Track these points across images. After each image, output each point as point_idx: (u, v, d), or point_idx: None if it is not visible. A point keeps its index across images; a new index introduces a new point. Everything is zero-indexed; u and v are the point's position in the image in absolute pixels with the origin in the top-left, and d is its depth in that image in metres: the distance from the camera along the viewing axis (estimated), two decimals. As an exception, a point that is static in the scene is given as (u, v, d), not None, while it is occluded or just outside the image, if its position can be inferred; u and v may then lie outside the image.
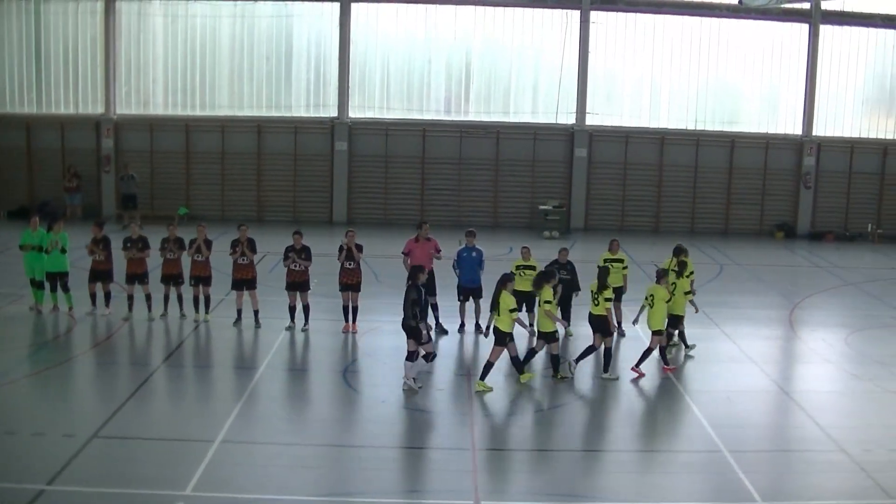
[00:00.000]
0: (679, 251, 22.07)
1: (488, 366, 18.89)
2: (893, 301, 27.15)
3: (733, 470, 14.80)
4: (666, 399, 18.77)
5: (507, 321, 18.63)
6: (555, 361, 19.63)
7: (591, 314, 20.11)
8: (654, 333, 20.22)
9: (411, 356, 18.67)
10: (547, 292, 19.36)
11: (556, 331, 19.62)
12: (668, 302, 20.35)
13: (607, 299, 19.78)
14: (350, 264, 22.37)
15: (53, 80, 41.56)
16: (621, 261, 22.92)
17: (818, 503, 13.90)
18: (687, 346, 21.70)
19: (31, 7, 41.22)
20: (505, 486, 14.21)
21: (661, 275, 20.59)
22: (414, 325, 18.61)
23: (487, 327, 20.89)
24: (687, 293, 21.24)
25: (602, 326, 19.81)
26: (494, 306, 18.97)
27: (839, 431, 16.69)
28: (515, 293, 22.26)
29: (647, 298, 20.56)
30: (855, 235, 41.75)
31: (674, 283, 20.88)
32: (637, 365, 19.95)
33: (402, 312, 18.85)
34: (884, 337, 23.95)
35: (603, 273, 20.08)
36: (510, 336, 18.85)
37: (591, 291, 20.08)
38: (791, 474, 14.94)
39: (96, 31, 41.16)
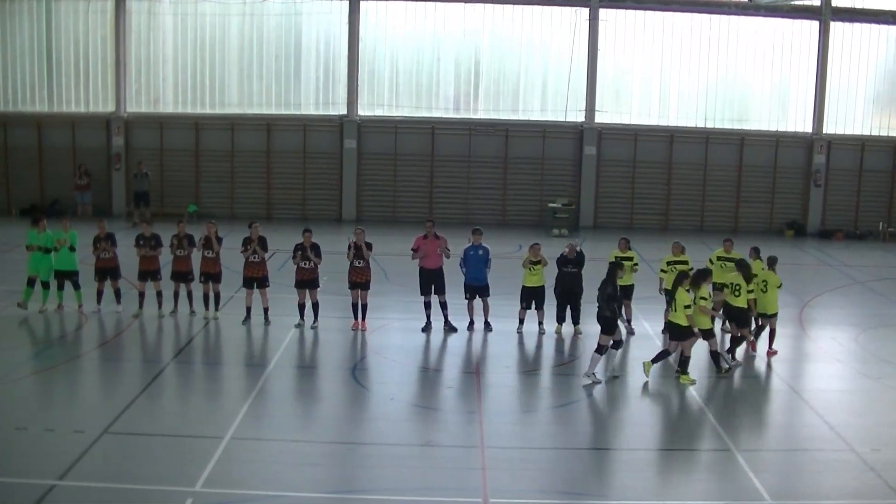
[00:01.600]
0: (755, 250, 22.87)
1: (685, 360, 19.36)
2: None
3: (743, 469, 14.79)
4: (675, 398, 18.73)
5: (683, 316, 19.04)
6: (715, 357, 19.88)
7: (732, 307, 20.80)
8: (771, 317, 21.21)
9: (601, 349, 19.14)
10: (703, 290, 19.58)
11: (713, 327, 19.99)
12: (779, 287, 21.38)
13: (702, 298, 19.79)
14: (359, 262, 22.38)
15: (64, 79, 41.64)
16: (631, 259, 22.91)
17: (827, 503, 13.88)
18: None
19: (42, 6, 41.29)
20: (513, 484, 14.19)
21: (773, 262, 21.58)
22: (609, 317, 19.07)
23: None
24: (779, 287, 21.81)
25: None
26: (671, 303, 19.44)
27: (849, 430, 16.67)
28: (525, 289, 22.49)
29: (758, 285, 21.11)
30: (865, 234, 41.66)
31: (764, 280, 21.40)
32: (770, 346, 21.33)
33: (597, 305, 19.38)
34: (894, 336, 23.90)
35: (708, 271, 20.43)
36: (690, 330, 19.25)
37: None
38: (801, 474, 14.93)
39: (106, 30, 41.24)
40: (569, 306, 22.57)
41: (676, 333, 19.34)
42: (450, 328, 22.78)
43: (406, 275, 24.97)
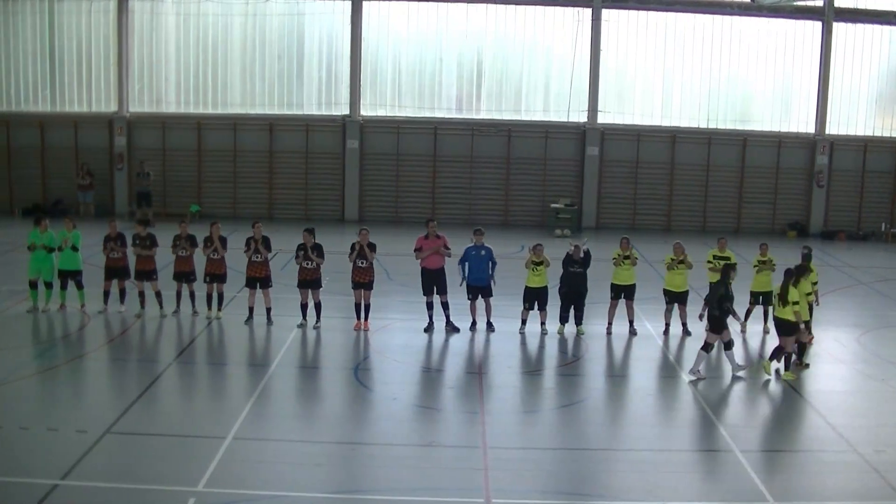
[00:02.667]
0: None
1: (779, 350, 19.94)
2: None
3: (745, 470, 14.78)
4: (677, 399, 18.74)
5: (790, 312, 19.54)
6: (802, 349, 20.59)
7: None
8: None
9: (707, 347, 19.63)
10: (805, 285, 20.30)
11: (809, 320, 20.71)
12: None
13: (807, 293, 20.46)
14: (362, 263, 22.38)
15: (67, 79, 41.74)
16: (629, 257, 22.91)
17: None
18: None
19: (45, 6, 41.36)
20: (516, 485, 14.18)
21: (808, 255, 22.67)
22: (718, 317, 19.49)
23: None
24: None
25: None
26: (783, 299, 19.77)
27: (851, 431, 16.65)
28: (528, 290, 22.47)
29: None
30: (867, 234, 41.65)
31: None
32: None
33: (708, 305, 19.97)
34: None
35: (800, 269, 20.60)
36: (797, 327, 19.65)
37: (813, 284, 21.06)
38: (803, 474, 14.91)
39: (109, 29, 41.32)
40: (573, 307, 22.58)
41: (787, 329, 19.66)
42: (452, 328, 22.77)
43: (408, 275, 24.98)
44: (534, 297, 22.57)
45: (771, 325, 22.97)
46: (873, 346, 22.72)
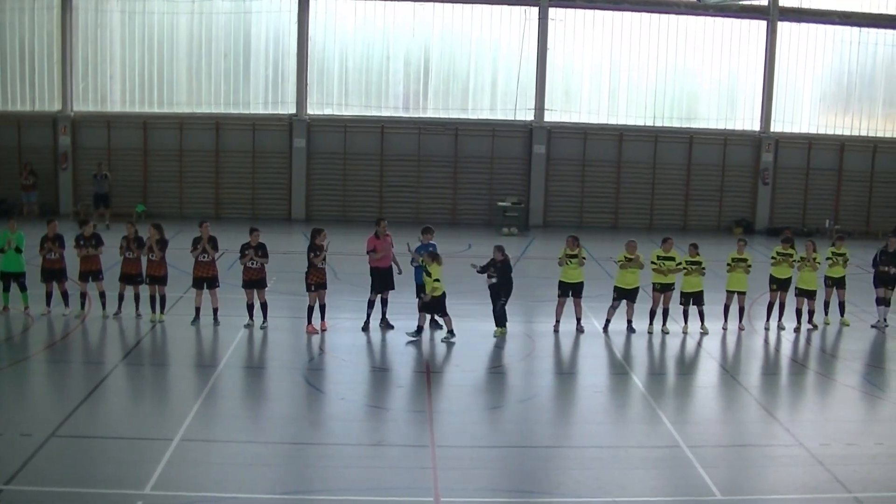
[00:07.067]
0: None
1: None
2: (849, 296, 27.33)
3: (693, 465, 14.87)
4: (625, 395, 18.84)
5: None
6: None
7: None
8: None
9: None
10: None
11: None
12: None
13: None
14: (323, 263, 22.27)
15: (9, 77, 41.16)
16: (577, 255, 22.97)
17: (777, 497, 14.01)
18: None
19: (-14, 3, 40.88)
20: (465, 483, 14.17)
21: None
22: None
23: None
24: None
25: None
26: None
27: (797, 426, 16.85)
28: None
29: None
30: (812, 231, 42.04)
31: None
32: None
33: None
34: (841, 332, 24.15)
35: None
36: None
37: None
38: (750, 469, 15.01)
39: (53, 26, 40.84)
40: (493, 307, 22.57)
41: None
42: (386, 325, 22.80)
43: (356, 274, 24.90)
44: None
45: (709, 325, 23.23)
46: (818, 341, 23.04)
